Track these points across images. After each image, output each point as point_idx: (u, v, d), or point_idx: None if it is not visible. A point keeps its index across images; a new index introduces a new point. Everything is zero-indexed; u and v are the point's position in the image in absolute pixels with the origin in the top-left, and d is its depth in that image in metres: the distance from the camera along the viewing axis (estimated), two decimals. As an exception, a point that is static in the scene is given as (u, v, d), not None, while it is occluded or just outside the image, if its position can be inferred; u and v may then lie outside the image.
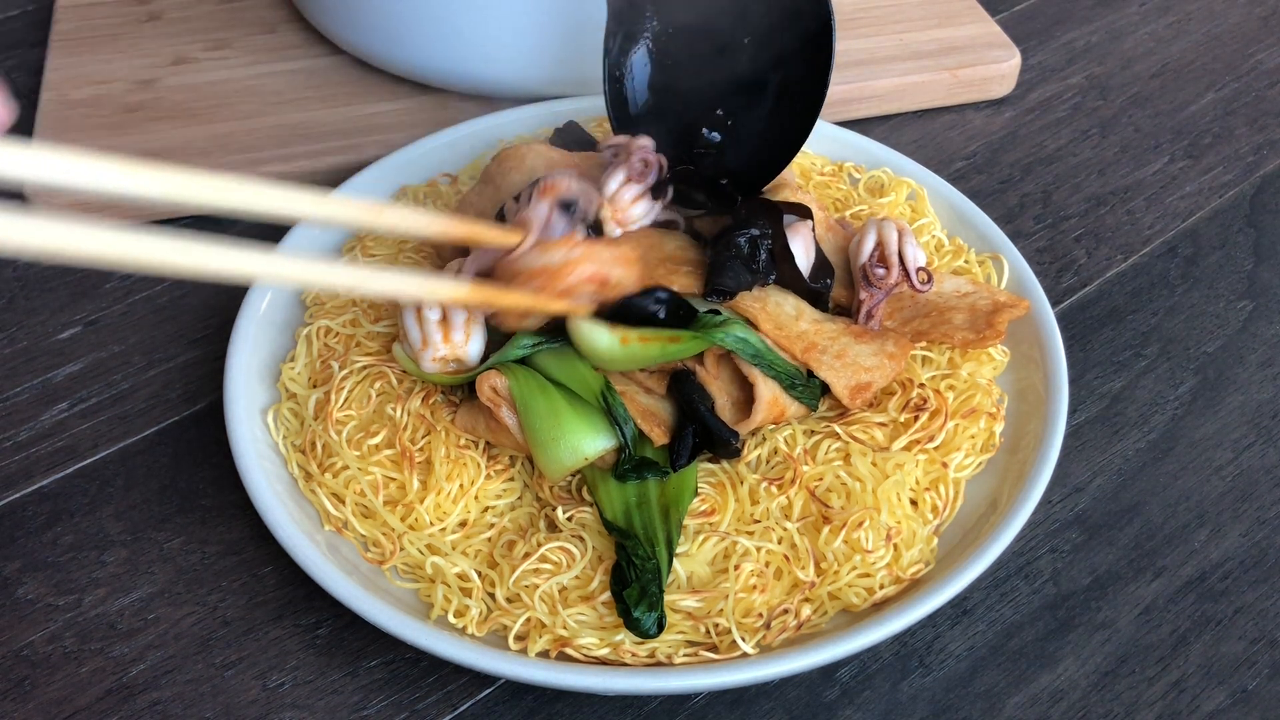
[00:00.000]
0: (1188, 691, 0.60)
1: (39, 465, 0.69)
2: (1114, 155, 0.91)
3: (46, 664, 0.60)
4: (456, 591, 0.59)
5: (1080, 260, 0.83)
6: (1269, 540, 0.67)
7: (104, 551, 0.65)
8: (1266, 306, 0.80)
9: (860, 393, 0.64)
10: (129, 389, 0.73)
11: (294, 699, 0.59)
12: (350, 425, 0.64)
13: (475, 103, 0.88)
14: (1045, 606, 0.64)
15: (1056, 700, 0.60)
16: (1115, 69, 1.00)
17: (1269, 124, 0.94)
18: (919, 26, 0.97)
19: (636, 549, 0.58)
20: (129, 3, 0.99)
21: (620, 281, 0.59)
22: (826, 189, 0.80)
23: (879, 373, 0.65)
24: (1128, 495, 0.69)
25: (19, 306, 0.78)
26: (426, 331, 0.64)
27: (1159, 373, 0.76)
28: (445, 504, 0.61)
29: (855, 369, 0.64)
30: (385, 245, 0.74)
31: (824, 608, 0.59)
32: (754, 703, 0.59)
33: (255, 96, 0.89)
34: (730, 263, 0.64)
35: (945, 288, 0.71)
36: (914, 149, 0.91)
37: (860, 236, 0.69)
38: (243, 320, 0.69)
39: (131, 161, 0.42)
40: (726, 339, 0.61)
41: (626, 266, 0.59)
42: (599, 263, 0.58)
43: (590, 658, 0.57)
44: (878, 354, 0.65)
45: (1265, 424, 0.73)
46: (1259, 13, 1.06)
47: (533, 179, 0.72)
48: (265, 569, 0.64)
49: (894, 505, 0.61)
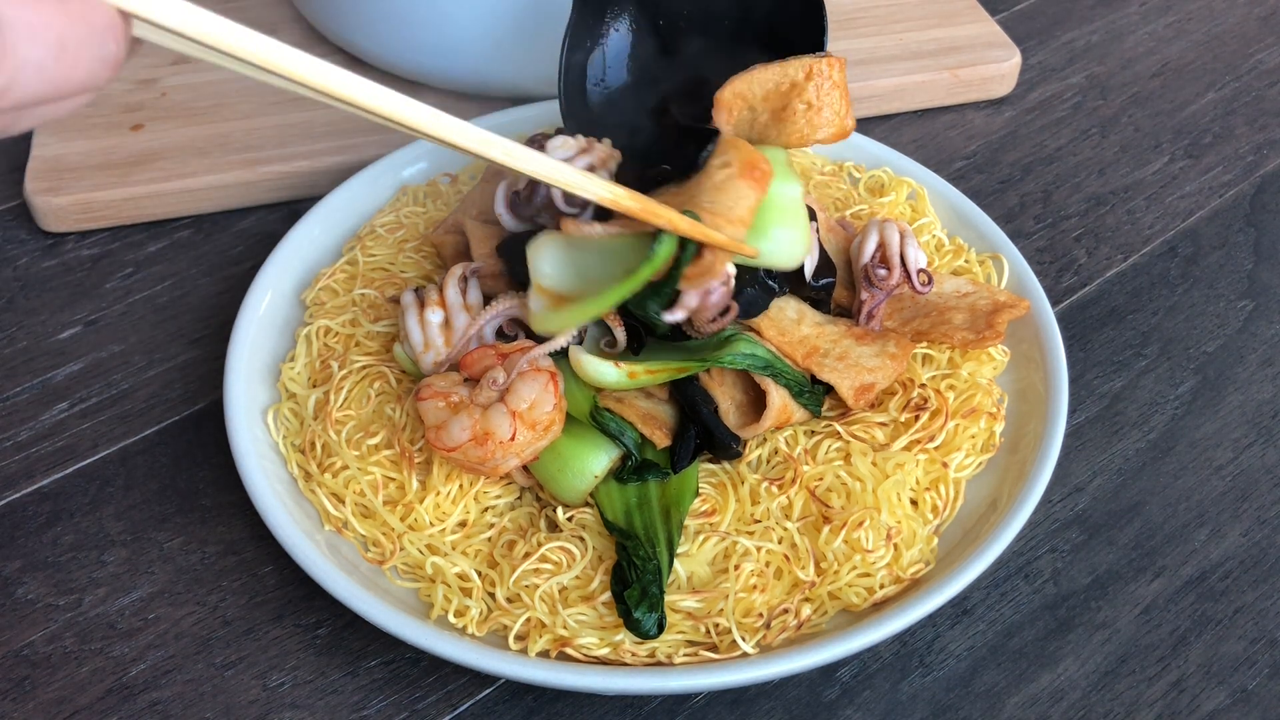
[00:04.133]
0: (1188, 691, 0.60)
1: (39, 465, 0.69)
2: (1114, 155, 0.91)
3: (46, 664, 0.60)
4: (456, 591, 0.59)
5: (1080, 260, 0.83)
6: (1269, 540, 0.67)
7: (104, 551, 0.65)
8: (1266, 306, 0.80)
9: (864, 394, 0.64)
10: (129, 389, 0.73)
11: (294, 699, 0.59)
12: (350, 425, 0.64)
13: (475, 103, 0.88)
14: (1045, 606, 0.64)
15: (1056, 700, 0.60)
16: (1115, 69, 1.00)
17: (1269, 124, 0.94)
18: (919, 26, 0.97)
19: (637, 549, 0.58)
20: (129, 3, 0.98)
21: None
22: (827, 189, 0.80)
23: (881, 373, 0.65)
24: (1128, 495, 0.69)
25: (19, 306, 0.78)
26: (429, 334, 0.64)
27: (1159, 372, 0.76)
28: (445, 504, 0.61)
29: (858, 370, 0.64)
30: (385, 245, 0.74)
31: (824, 607, 0.59)
32: (754, 703, 0.59)
33: (255, 96, 0.89)
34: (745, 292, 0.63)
35: (945, 288, 0.71)
36: (914, 149, 0.91)
37: (862, 237, 0.69)
38: (243, 320, 0.69)
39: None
40: (736, 360, 0.61)
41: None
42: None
43: (590, 658, 0.57)
44: (879, 355, 0.65)
45: (1265, 424, 0.73)
46: (1259, 13, 1.06)
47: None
48: (265, 569, 0.64)
49: (894, 505, 0.61)
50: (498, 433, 0.58)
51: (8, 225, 0.84)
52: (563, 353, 0.62)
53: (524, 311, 0.62)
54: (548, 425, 0.59)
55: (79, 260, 0.81)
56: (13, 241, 0.83)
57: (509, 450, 0.58)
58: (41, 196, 0.81)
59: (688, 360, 0.61)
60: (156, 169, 0.84)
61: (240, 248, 0.82)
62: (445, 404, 0.60)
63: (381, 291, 0.71)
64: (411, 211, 0.77)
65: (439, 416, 0.60)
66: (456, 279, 0.65)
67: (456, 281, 0.65)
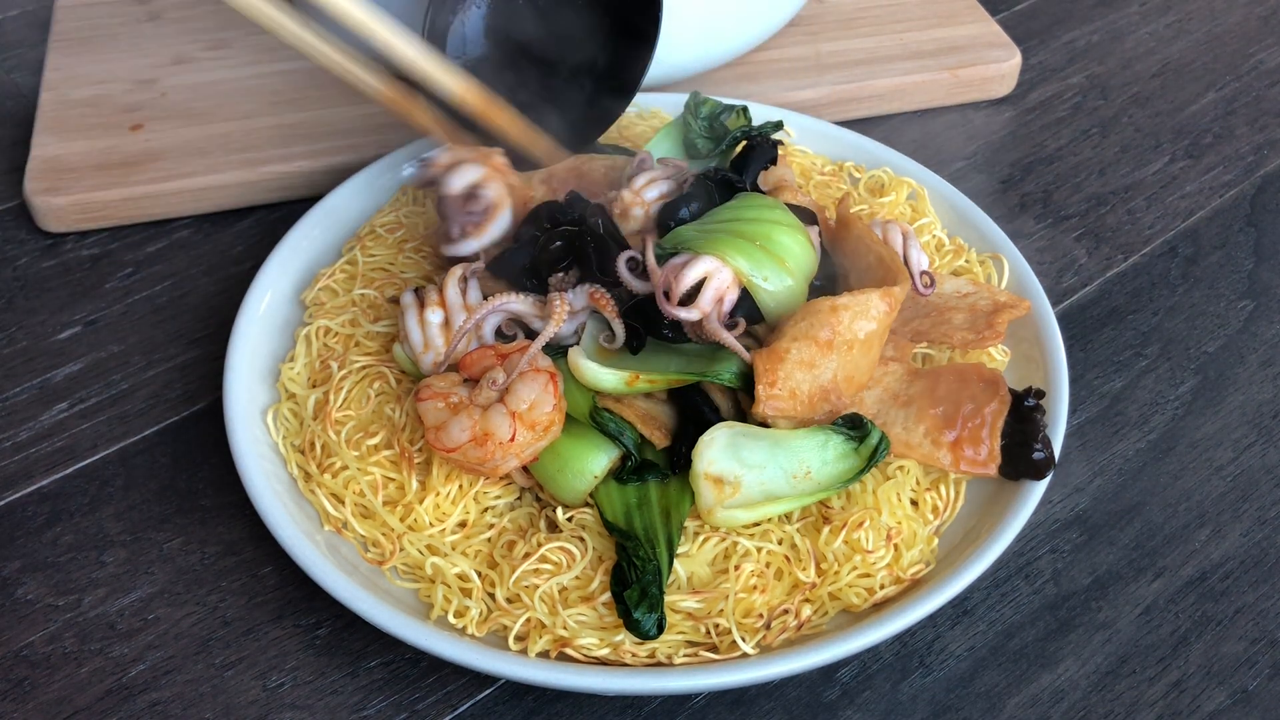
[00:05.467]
0: (1188, 691, 0.60)
1: (39, 465, 0.69)
2: (1114, 155, 0.91)
3: (46, 664, 0.60)
4: (456, 592, 0.59)
5: (1080, 260, 0.83)
6: (1269, 540, 0.67)
7: (104, 551, 0.65)
8: (1266, 306, 0.80)
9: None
10: (129, 389, 0.73)
11: (294, 699, 0.59)
12: (349, 425, 0.64)
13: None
14: (1045, 606, 0.64)
15: (1057, 700, 0.60)
16: (1115, 69, 1.00)
17: (1269, 124, 0.94)
18: (919, 26, 0.97)
19: (637, 550, 0.58)
20: (129, 3, 0.98)
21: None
22: (827, 189, 0.80)
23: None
24: (1128, 495, 0.69)
25: (19, 306, 0.78)
26: (429, 335, 0.64)
27: (1159, 373, 0.75)
28: (445, 504, 0.61)
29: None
30: (385, 245, 0.74)
31: (824, 608, 0.59)
32: (754, 703, 0.59)
33: (255, 96, 0.89)
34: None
35: (945, 288, 0.71)
36: (914, 149, 0.90)
37: (861, 237, 0.69)
38: (243, 320, 0.69)
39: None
40: (734, 380, 0.61)
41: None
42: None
43: (590, 658, 0.57)
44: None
45: (1265, 424, 0.73)
46: (1259, 13, 1.06)
47: (533, 177, 0.72)
48: (265, 569, 0.64)
49: (894, 506, 0.61)
50: (497, 433, 0.58)
51: (8, 225, 0.84)
52: (563, 353, 0.62)
53: (521, 308, 0.63)
54: (547, 426, 0.59)
55: (79, 260, 0.81)
56: (12, 241, 0.82)
57: (509, 451, 0.58)
58: (41, 196, 0.81)
59: (685, 371, 0.61)
60: (156, 169, 0.84)
61: (240, 248, 0.82)
62: (445, 405, 0.60)
63: (381, 291, 0.71)
64: (411, 211, 0.77)
65: (439, 417, 0.60)
66: (456, 279, 0.65)
67: (456, 282, 0.65)
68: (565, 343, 0.63)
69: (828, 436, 0.60)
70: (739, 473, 0.58)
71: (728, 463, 0.58)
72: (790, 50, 0.94)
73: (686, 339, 0.62)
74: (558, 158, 0.71)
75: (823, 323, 0.60)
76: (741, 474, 0.58)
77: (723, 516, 0.58)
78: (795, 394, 0.59)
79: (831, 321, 0.60)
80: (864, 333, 0.61)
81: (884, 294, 0.61)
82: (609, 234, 0.64)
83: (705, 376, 0.60)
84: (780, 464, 0.59)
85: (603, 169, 0.73)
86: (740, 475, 0.58)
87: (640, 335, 0.61)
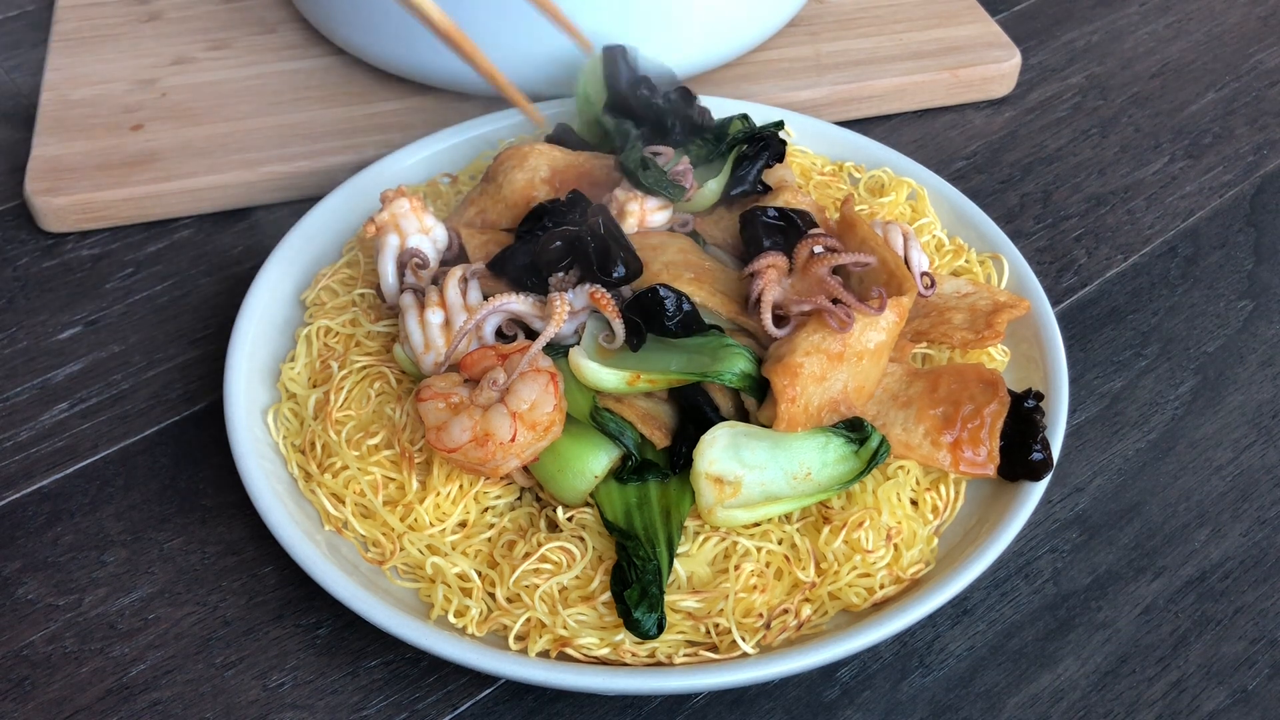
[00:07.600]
0: (1188, 691, 0.60)
1: (39, 465, 0.69)
2: (1114, 155, 0.91)
3: (46, 664, 0.60)
4: (456, 591, 0.59)
5: (1080, 260, 0.83)
6: (1269, 540, 0.67)
7: (104, 551, 0.65)
8: (1266, 306, 0.80)
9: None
10: (129, 389, 0.73)
11: (294, 699, 0.59)
12: (350, 425, 0.64)
13: (475, 103, 0.88)
14: (1045, 606, 0.64)
15: (1057, 700, 0.60)
16: (1115, 69, 1.00)
17: (1269, 124, 0.94)
18: (919, 26, 0.97)
19: (637, 550, 0.58)
20: (129, 3, 0.99)
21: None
22: (826, 189, 0.80)
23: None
24: (1128, 495, 0.69)
25: (19, 306, 0.78)
26: (429, 335, 0.64)
27: (1159, 373, 0.76)
28: (445, 504, 0.61)
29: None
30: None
31: (824, 608, 0.59)
32: (754, 703, 0.59)
33: (255, 96, 0.89)
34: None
35: (945, 288, 0.71)
36: (914, 149, 0.91)
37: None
38: (243, 320, 0.69)
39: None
40: (735, 380, 0.61)
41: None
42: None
43: (590, 658, 0.57)
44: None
45: (1265, 424, 0.73)
46: (1259, 13, 1.06)
47: (535, 176, 0.72)
48: (265, 569, 0.64)
49: (894, 505, 0.61)
50: (498, 434, 0.58)
51: (8, 225, 0.84)
52: (563, 353, 0.62)
53: (521, 308, 0.63)
54: (548, 426, 0.59)
55: (79, 260, 0.81)
56: (13, 242, 0.83)
57: (509, 451, 0.58)
58: (41, 197, 0.81)
59: (686, 371, 0.61)
60: (156, 169, 0.84)
61: (240, 248, 0.82)
62: (445, 405, 0.60)
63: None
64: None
65: (439, 417, 0.60)
66: (456, 280, 0.65)
67: (456, 282, 0.65)
68: (565, 343, 0.63)
69: (828, 439, 0.60)
70: (739, 473, 0.58)
71: (728, 463, 0.58)
72: (790, 50, 0.94)
73: (690, 334, 0.62)
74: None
75: (834, 335, 0.60)
76: (742, 474, 0.58)
77: (723, 516, 0.58)
78: (807, 408, 0.59)
79: (843, 334, 0.60)
80: (874, 343, 0.61)
81: (894, 304, 0.61)
82: (609, 234, 0.64)
83: (706, 376, 0.60)
84: (781, 465, 0.59)
85: (605, 169, 0.73)
86: (741, 475, 0.58)
87: (640, 331, 0.61)
